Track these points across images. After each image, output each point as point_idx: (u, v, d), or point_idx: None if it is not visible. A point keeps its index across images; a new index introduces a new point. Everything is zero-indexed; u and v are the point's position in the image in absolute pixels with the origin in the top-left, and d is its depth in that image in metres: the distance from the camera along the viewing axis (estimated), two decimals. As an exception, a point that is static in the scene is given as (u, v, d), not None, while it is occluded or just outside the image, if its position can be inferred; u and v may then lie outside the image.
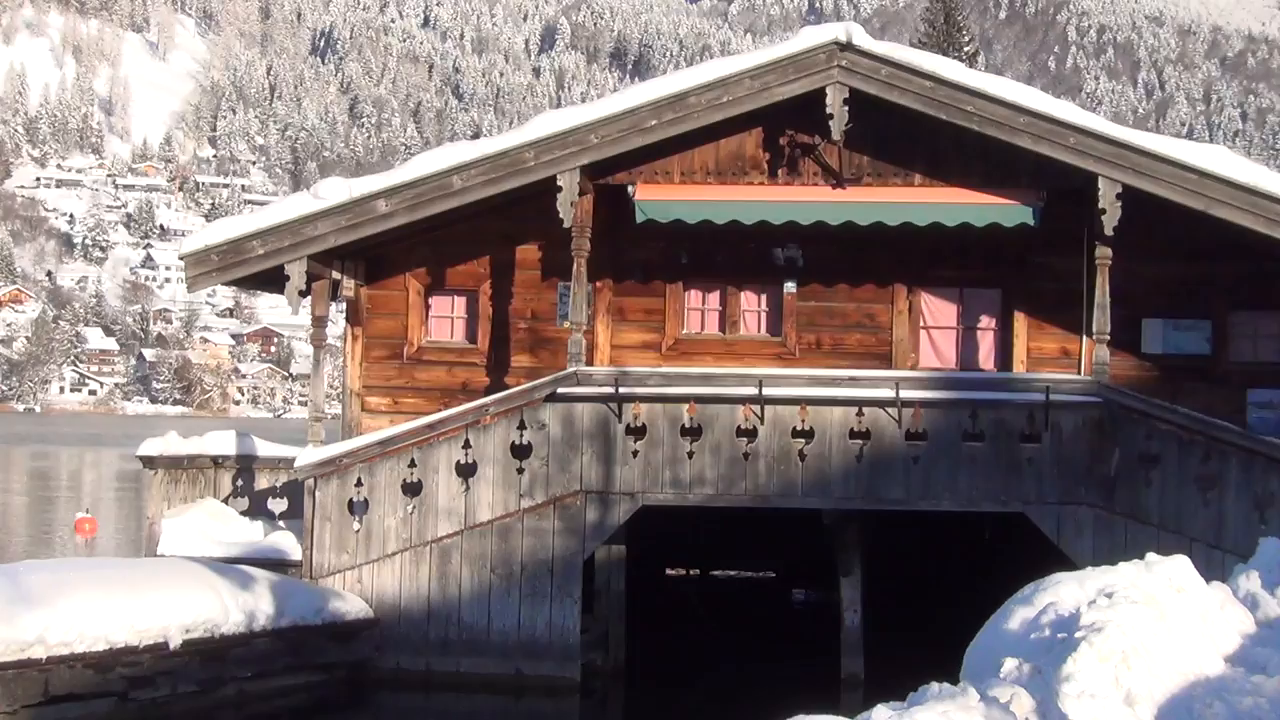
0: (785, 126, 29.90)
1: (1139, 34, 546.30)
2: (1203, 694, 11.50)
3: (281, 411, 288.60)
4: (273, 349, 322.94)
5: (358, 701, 27.42)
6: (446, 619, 28.75)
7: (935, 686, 8.55)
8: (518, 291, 31.71)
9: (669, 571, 35.53)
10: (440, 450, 28.95)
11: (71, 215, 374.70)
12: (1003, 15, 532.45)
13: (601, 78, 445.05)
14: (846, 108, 28.60)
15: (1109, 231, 28.12)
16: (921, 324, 31.16)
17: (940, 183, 29.58)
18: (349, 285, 31.69)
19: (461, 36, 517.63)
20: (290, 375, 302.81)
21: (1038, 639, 11.59)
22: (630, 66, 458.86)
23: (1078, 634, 11.09)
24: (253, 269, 30.78)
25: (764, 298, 31.47)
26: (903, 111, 28.89)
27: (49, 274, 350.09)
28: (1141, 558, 13.63)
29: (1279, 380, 30.17)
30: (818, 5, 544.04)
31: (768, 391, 28.59)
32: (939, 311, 31.22)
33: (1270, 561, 17.23)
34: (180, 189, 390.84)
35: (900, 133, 29.34)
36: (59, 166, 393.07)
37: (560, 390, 28.91)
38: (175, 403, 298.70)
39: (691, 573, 36.87)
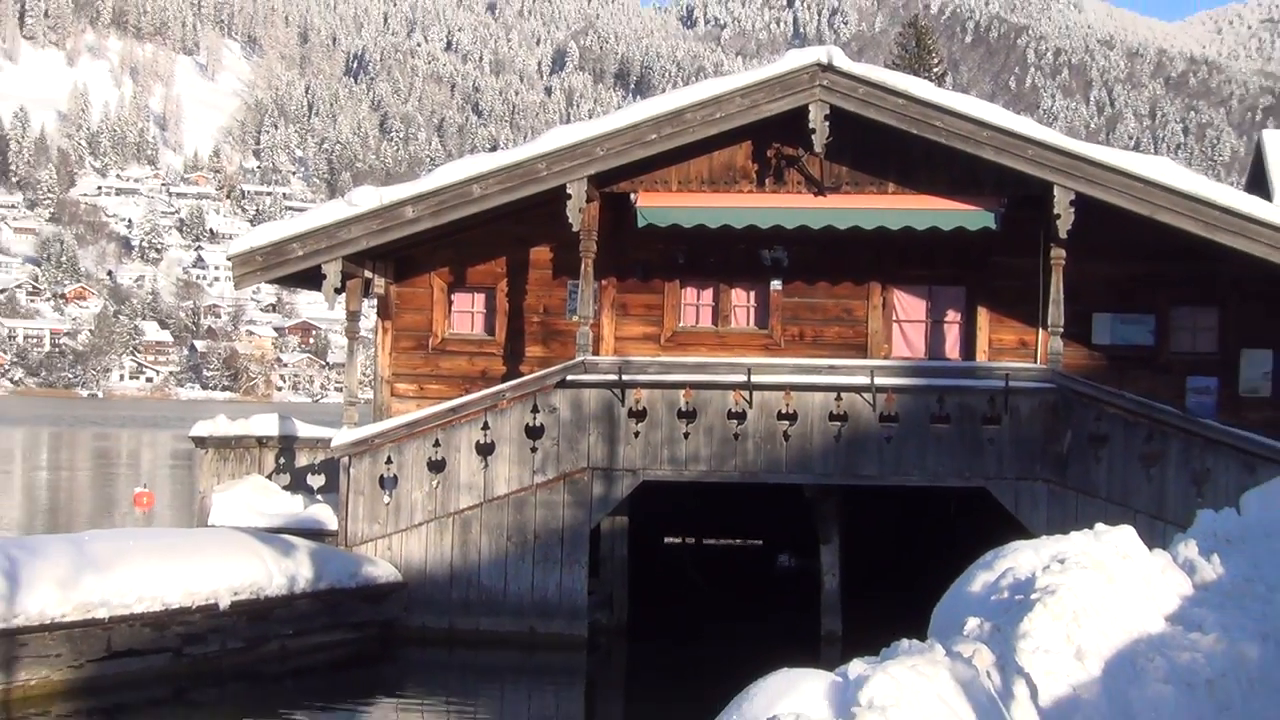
0: (772, 140, 29.97)
1: (1091, 56, 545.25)
2: (1145, 650, 11.54)
3: (319, 397, 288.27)
4: (311, 340, 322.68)
5: (388, 656, 27.45)
6: (467, 582, 28.80)
7: (906, 643, 8.57)
8: (531, 289, 31.75)
9: (667, 540, 35.52)
10: (462, 431, 29.00)
11: (130, 220, 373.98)
12: (968, 39, 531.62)
13: (607, 96, 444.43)
14: (827, 123, 28.65)
15: (1063, 234, 28.18)
16: (894, 318, 31.20)
17: (911, 191, 29.64)
18: (379, 283, 31.73)
19: (480, 59, 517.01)
20: (327, 364, 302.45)
21: (997, 600, 11.62)
22: (633, 86, 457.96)
23: (1033, 596, 11.12)
24: (293, 268, 30.83)
25: (753, 294, 31.49)
26: (878, 126, 28.92)
27: (110, 273, 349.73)
28: (1091, 528, 13.64)
29: (1215, 369, 30.21)
30: (801, 31, 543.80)
31: (756, 379, 28.64)
32: (910, 306, 31.25)
33: (1206, 531, 17.27)
34: (227, 196, 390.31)
35: (876, 145, 29.36)
36: (118, 176, 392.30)
37: (569, 377, 28.95)
38: (224, 389, 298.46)
39: (687, 541, 36.85)
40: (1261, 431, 28.24)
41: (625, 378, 28.82)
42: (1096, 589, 11.74)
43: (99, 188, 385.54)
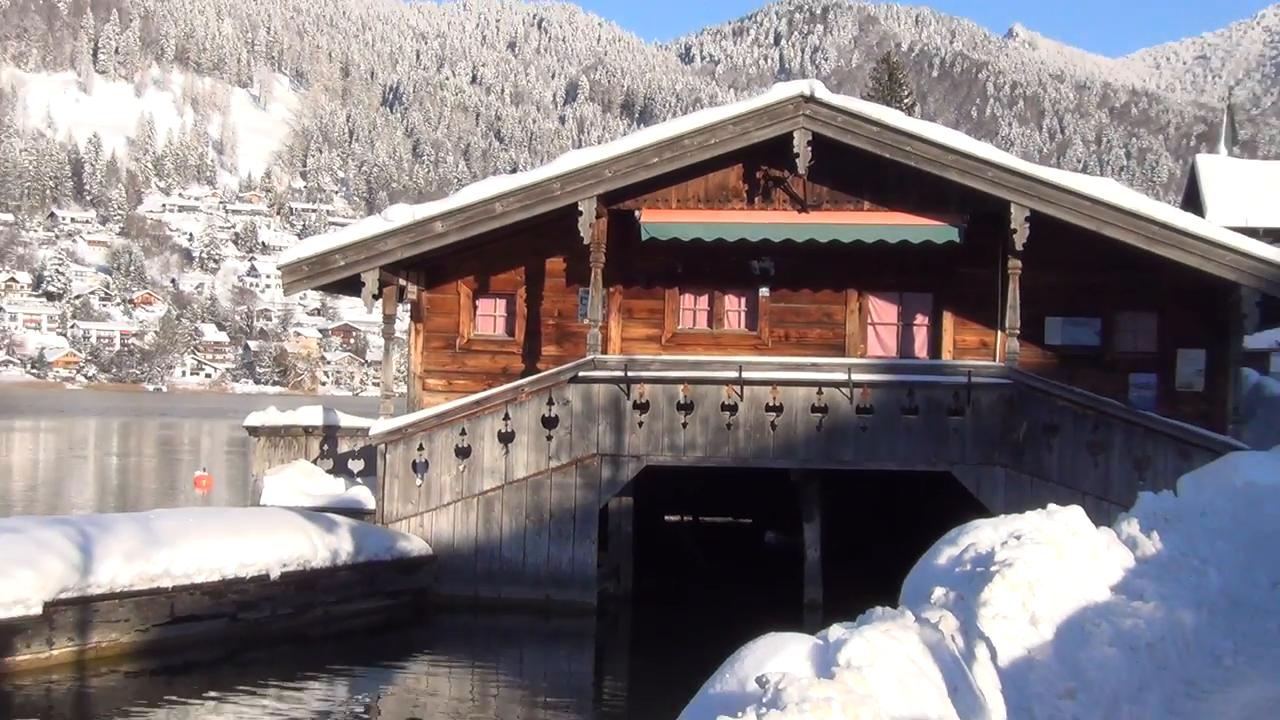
0: (760, 163, 29.95)
1: (1044, 89, 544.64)
2: (1092, 616, 11.54)
3: (358, 391, 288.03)
4: (351, 341, 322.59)
5: (419, 621, 27.45)
6: (490, 555, 28.81)
7: (879, 610, 8.55)
8: (547, 295, 31.74)
9: (667, 518, 35.45)
10: (485, 421, 29.01)
11: (191, 234, 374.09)
12: (935, 74, 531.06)
13: (614, 124, 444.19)
14: (810, 148, 28.65)
15: (1019, 247, 28.15)
16: (869, 321, 31.17)
17: (884, 208, 29.64)
18: (412, 290, 31.73)
19: (502, 91, 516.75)
20: (365, 362, 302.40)
21: (961, 572, 11.62)
22: (637, 115, 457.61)
23: (993, 568, 11.12)
24: (335, 277, 30.86)
25: (743, 300, 31.47)
26: (855, 151, 28.89)
27: (173, 281, 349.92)
28: (1044, 508, 13.65)
29: (1154, 366, 30.22)
30: (787, 66, 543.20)
31: (746, 375, 28.65)
32: (883, 311, 31.23)
33: (1147, 511, 17.27)
34: (277, 213, 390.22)
35: (853, 167, 29.32)
36: (180, 195, 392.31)
37: (581, 374, 28.95)
38: (274, 384, 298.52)
39: (686, 519, 36.79)
40: (1195, 422, 28.34)
41: (630, 374, 28.87)
42: (1049, 562, 11.75)
43: (163, 205, 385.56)
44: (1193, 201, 73.28)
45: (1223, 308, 29.28)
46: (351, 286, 31.38)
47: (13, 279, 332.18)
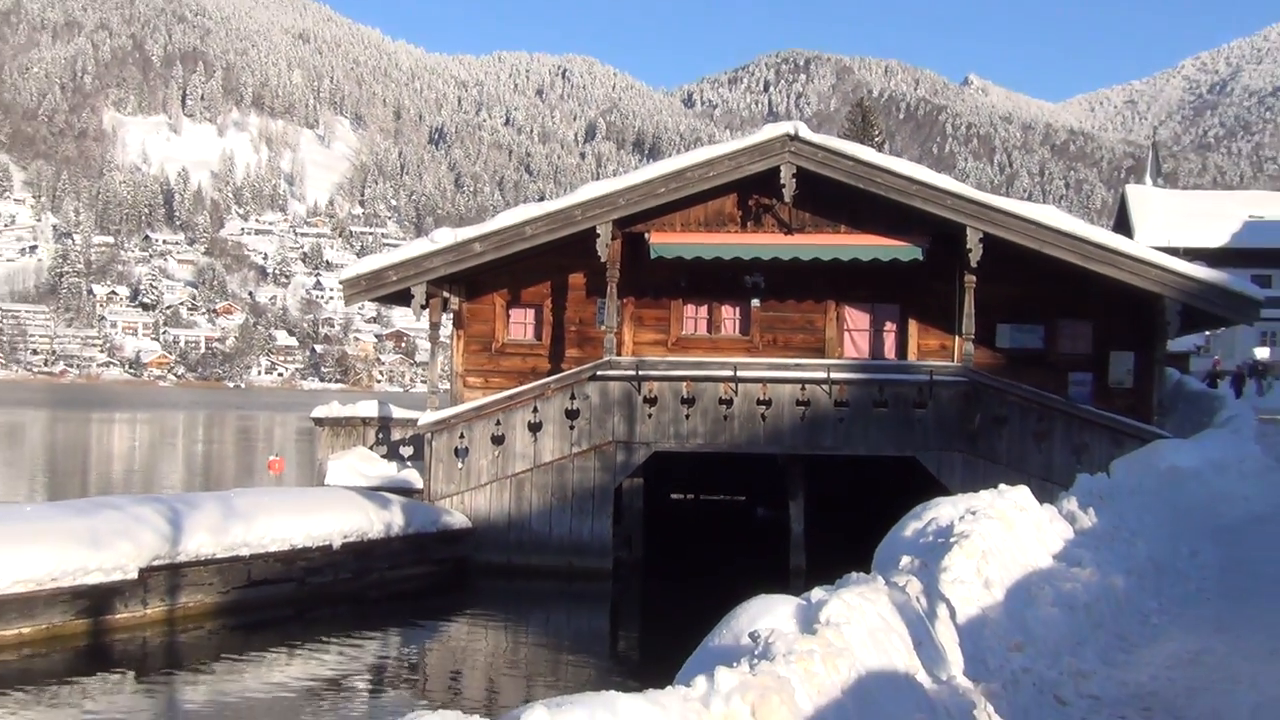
0: (752, 192, 29.98)
1: (995, 129, 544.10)
2: (1037, 580, 11.51)
3: (408, 387, 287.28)
4: (402, 344, 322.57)
5: (460, 585, 27.47)
6: (521, 528, 28.84)
7: (854, 575, 8.51)
8: (569, 305, 31.76)
9: (673, 496, 35.41)
10: (517, 413, 29.03)
11: (265, 254, 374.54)
12: (901, 116, 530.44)
13: (627, 159, 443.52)
14: (794, 179, 28.70)
15: (973, 264, 28.18)
16: (845, 328, 31.16)
17: (858, 231, 29.65)
18: (454, 301, 31.76)
19: (531, 131, 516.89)
20: (414, 362, 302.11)
21: (924, 542, 11.58)
22: (647, 151, 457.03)
23: (952, 539, 11.08)
24: (389, 290, 30.93)
25: (737, 310, 31.46)
26: (833, 182, 28.89)
27: (250, 294, 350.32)
28: (995, 488, 13.61)
29: (1090, 366, 30.22)
30: (774, 109, 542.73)
31: (740, 374, 28.73)
32: (857, 319, 31.21)
33: (1084, 490, 17.21)
34: (339, 236, 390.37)
35: (831, 196, 29.32)
36: (256, 220, 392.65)
37: (599, 373, 28.97)
38: (336, 381, 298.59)
39: (688, 497, 36.76)
40: (1125, 414, 28.37)
41: (641, 373, 28.94)
42: (1000, 534, 11.71)
43: (242, 229, 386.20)
44: (1123, 225, 73.29)
45: (1149, 316, 29.22)
46: (402, 298, 31.46)
47: (113, 292, 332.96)
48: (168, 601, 21.96)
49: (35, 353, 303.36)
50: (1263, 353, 63.26)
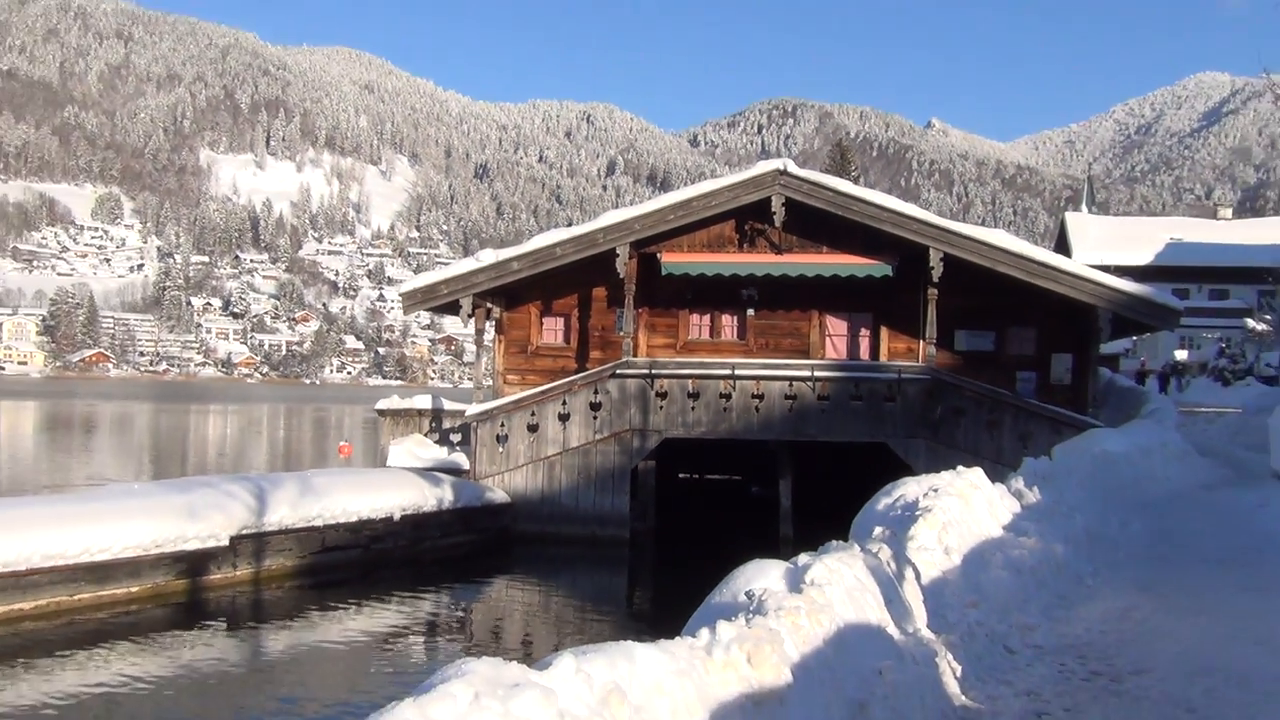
0: (748, 219, 30.05)
1: (953, 164, 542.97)
2: (989, 547, 11.49)
3: (457, 384, 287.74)
4: (452, 347, 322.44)
5: (501, 551, 27.49)
6: (552, 502, 28.89)
7: (834, 543, 8.50)
8: (593, 314, 31.79)
9: (680, 475, 35.44)
10: (549, 405, 29.06)
11: (337, 271, 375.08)
12: (874, 154, 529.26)
13: (642, 191, 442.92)
14: (783, 208, 28.80)
15: (935, 280, 28.18)
16: (826, 333, 31.15)
17: (838, 251, 29.69)
18: (496, 311, 31.79)
19: (561, 167, 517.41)
20: (462, 362, 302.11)
21: (894, 515, 11.57)
22: (659, 184, 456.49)
23: (917, 513, 11.07)
24: (441, 301, 30.99)
25: (735, 318, 31.46)
26: (816, 210, 28.93)
27: (324, 304, 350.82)
28: (954, 469, 13.59)
29: (1035, 366, 30.21)
30: (767, 149, 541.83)
31: (738, 372, 28.75)
32: (836, 326, 31.19)
33: (1029, 471, 17.19)
34: (399, 255, 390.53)
35: (815, 222, 29.35)
36: (329, 243, 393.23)
37: (618, 371, 29.00)
38: (396, 378, 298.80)
39: (694, 476, 36.78)
40: (1064, 407, 28.37)
41: (653, 372, 28.97)
42: (958, 508, 11.70)
43: (316, 250, 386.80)
44: (1062, 246, 73.16)
45: (1085, 323, 29.21)
46: (452, 308, 31.54)
47: (208, 303, 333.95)
48: (254, 565, 22.04)
49: (142, 354, 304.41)
50: (1182, 355, 63.11)
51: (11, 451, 56.35)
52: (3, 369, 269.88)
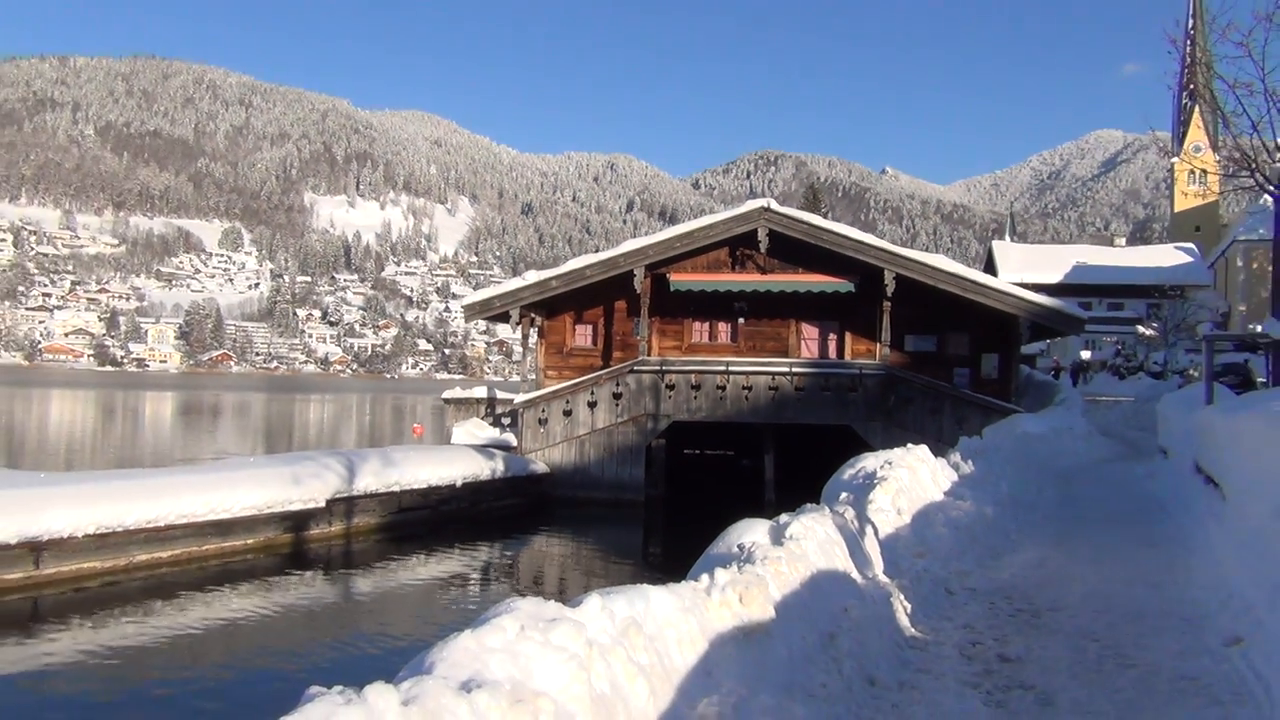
0: (739, 246, 29.95)
1: (903, 202, 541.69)
2: (933, 509, 11.41)
3: (507, 378, 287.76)
4: (504, 348, 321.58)
5: (543, 511, 27.45)
6: (583, 473, 28.85)
7: (809, 505, 8.45)
8: (615, 322, 31.70)
9: (685, 451, 35.36)
10: (581, 394, 29.01)
11: (411, 288, 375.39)
12: (839, 194, 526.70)
13: (654, 224, 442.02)
14: (768, 237, 28.71)
15: (889, 295, 28.09)
16: (802, 337, 31.02)
17: (811, 272, 29.59)
18: (538, 320, 31.74)
19: (590, 205, 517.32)
20: (512, 360, 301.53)
21: (856, 483, 11.49)
22: (668, 219, 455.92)
23: (875, 481, 11.00)
24: (495, 312, 31.01)
25: (729, 326, 31.35)
26: (794, 239, 28.85)
27: (401, 315, 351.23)
28: (905, 446, 13.51)
29: (968, 363, 30.01)
30: (754, 189, 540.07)
31: (731, 369, 28.65)
32: (810, 332, 31.06)
33: (965, 448, 17.08)
34: (461, 276, 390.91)
35: (793, 248, 29.24)
36: (405, 266, 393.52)
37: (635, 368, 28.94)
38: (459, 374, 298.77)
39: (696, 452, 36.69)
40: (992, 396, 28.21)
41: (664, 368, 28.90)
42: (908, 477, 11.62)
43: (395, 271, 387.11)
44: (990, 268, 72.84)
45: (1008, 329, 29.07)
46: (504, 318, 31.54)
47: (310, 314, 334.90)
48: (345, 522, 22.05)
49: (258, 354, 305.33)
50: (1086, 354, 62.81)
51: (154, 432, 56.58)
52: (148, 366, 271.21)
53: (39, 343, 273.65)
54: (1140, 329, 59.48)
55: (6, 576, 16.06)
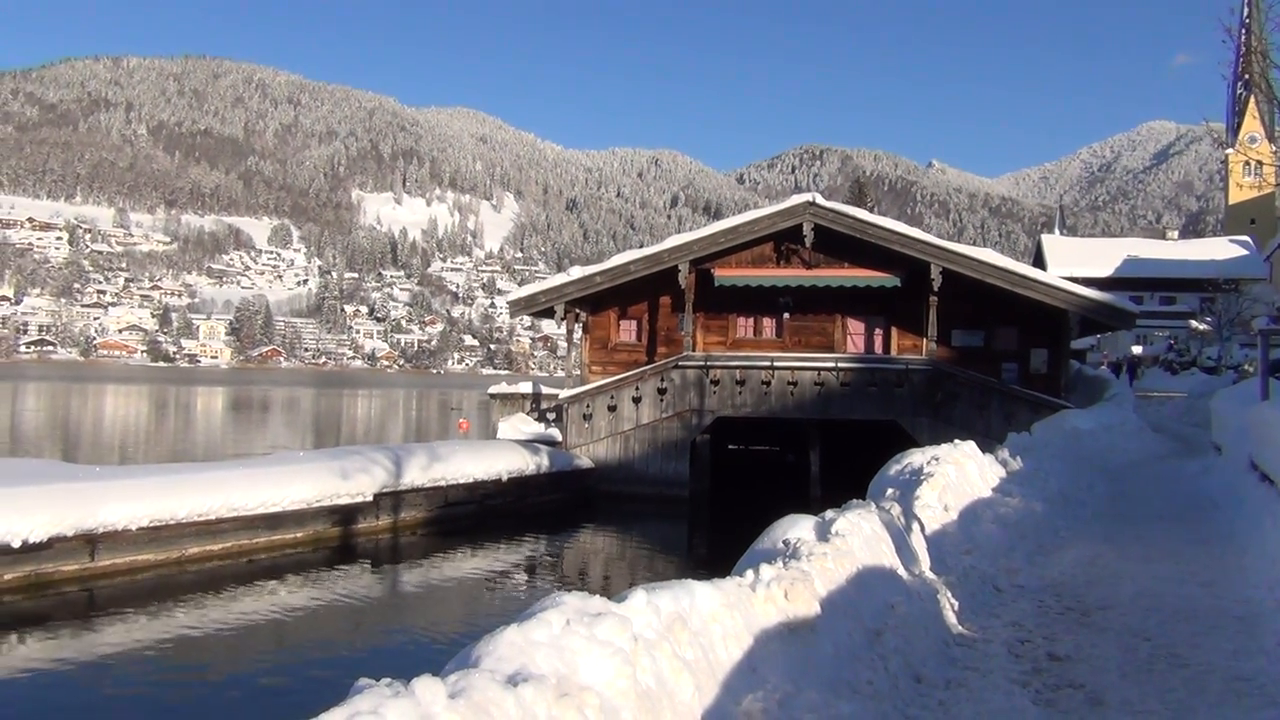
0: (783, 241, 29.84)
1: (950, 196, 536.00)
2: (981, 506, 11.32)
3: (552, 373, 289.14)
4: (548, 344, 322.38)
5: (586, 507, 27.53)
6: (627, 468, 28.90)
7: (855, 501, 8.40)
8: (660, 318, 31.72)
9: (730, 447, 35.35)
10: (625, 390, 29.06)
11: (457, 284, 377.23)
12: (885, 188, 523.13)
13: (699, 220, 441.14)
14: (813, 232, 28.53)
15: (935, 289, 27.84)
16: (848, 333, 30.88)
17: (857, 267, 29.40)
18: (583, 315, 31.83)
19: (634, 200, 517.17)
20: (556, 356, 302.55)
21: (903, 479, 11.42)
22: (712, 214, 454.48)
23: (922, 477, 10.92)
24: (539, 308, 31.09)
25: (774, 321, 31.25)
26: (839, 233, 28.68)
27: (447, 310, 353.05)
28: (952, 442, 13.40)
29: (1016, 358, 29.78)
30: (799, 184, 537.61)
31: (776, 364, 28.58)
32: (856, 327, 30.91)
33: (1013, 444, 16.92)
34: (506, 272, 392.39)
35: (838, 243, 29.08)
36: (451, 262, 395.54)
37: (679, 363, 28.93)
38: (504, 369, 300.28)
39: (740, 448, 36.66)
40: (1041, 392, 27.93)
41: (708, 364, 28.87)
42: (955, 474, 11.53)
43: (441, 268, 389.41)
44: (1039, 262, 72.00)
45: (1058, 324, 28.75)
46: (549, 313, 31.62)
47: (357, 310, 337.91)
48: (392, 516, 22.25)
49: (306, 350, 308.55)
50: (1137, 349, 62.00)
51: (206, 426, 57.43)
52: (199, 362, 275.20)
53: (94, 339, 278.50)
54: (1193, 323, 58.59)
55: (64, 568, 16.39)
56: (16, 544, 15.56)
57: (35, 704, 11.28)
